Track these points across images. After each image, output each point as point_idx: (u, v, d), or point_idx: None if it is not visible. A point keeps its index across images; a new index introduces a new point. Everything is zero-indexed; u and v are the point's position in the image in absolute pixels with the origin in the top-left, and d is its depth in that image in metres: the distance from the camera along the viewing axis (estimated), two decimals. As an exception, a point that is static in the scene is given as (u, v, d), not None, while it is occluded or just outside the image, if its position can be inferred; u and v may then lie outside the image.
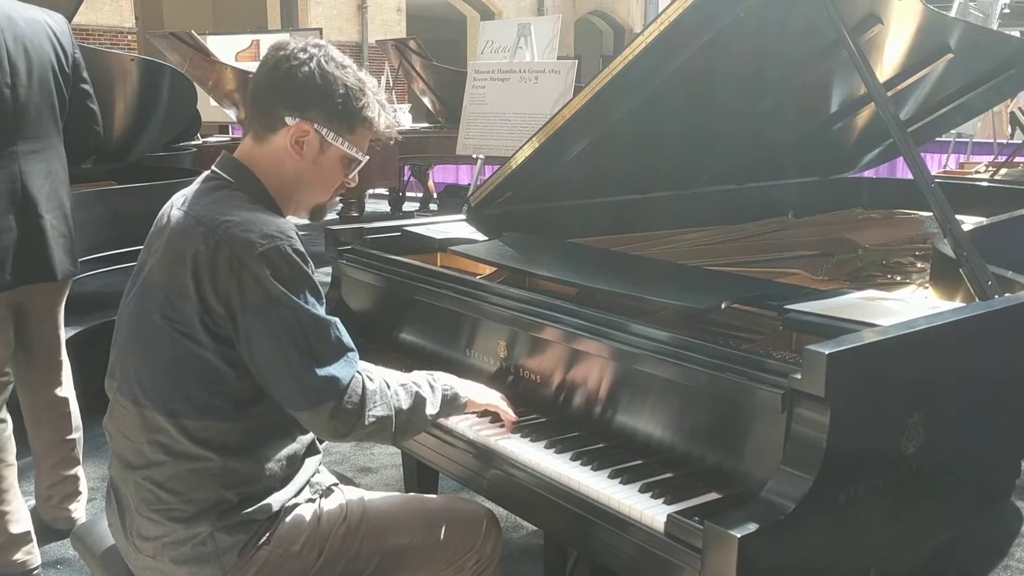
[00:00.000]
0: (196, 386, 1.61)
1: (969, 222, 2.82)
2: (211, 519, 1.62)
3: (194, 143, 6.08)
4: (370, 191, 9.95)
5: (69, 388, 2.95)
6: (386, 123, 1.77)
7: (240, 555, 1.63)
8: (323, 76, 1.66)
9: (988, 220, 2.73)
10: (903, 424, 1.54)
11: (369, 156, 1.79)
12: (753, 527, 1.35)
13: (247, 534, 1.64)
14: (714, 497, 1.56)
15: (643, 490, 1.59)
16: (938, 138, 6.44)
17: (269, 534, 1.66)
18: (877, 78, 2.14)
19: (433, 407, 1.75)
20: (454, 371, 2.08)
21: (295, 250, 1.61)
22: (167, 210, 1.73)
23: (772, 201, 3.36)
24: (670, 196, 3.06)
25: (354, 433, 1.65)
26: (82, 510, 3.01)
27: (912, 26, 2.60)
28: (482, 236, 2.56)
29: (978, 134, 8.45)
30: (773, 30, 2.34)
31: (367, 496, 1.85)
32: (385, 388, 1.68)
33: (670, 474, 1.64)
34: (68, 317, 2.96)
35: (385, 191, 10.42)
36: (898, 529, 1.62)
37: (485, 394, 1.87)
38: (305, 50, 1.67)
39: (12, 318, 2.72)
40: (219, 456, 1.62)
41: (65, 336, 2.94)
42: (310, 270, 1.64)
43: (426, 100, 10.38)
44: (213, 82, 7.63)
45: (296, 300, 1.58)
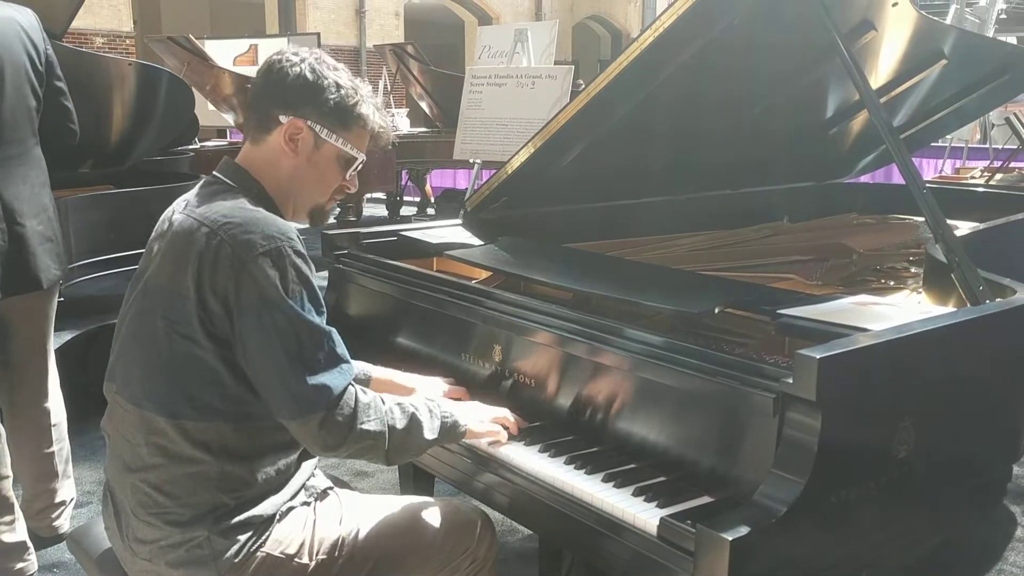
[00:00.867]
0: (196, 388, 1.61)
1: (963, 228, 2.84)
2: (208, 523, 1.62)
3: (192, 147, 6.08)
4: (368, 195, 9.96)
5: (55, 400, 2.88)
6: (381, 123, 1.79)
7: (236, 558, 1.64)
8: (315, 74, 1.71)
9: (983, 225, 2.74)
10: (894, 428, 1.55)
11: (367, 158, 1.80)
12: (745, 530, 1.35)
13: (243, 537, 1.64)
14: (706, 501, 1.57)
15: (636, 494, 1.59)
16: (934, 143, 6.47)
17: (265, 537, 1.67)
18: (869, 84, 2.16)
19: (431, 432, 1.72)
20: (450, 374, 2.10)
21: (296, 252, 1.61)
22: (168, 214, 1.74)
23: (767, 206, 3.37)
24: (665, 201, 3.07)
25: (345, 446, 1.61)
26: (67, 520, 2.95)
27: (906, 32, 2.61)
28: (478, 240, 2.57)
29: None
30: (768, 35, 2.35)
31: (362, 499, 1.86)
32: (379, 404, 1.67)
33: (663, 478, 1.65)
34: (64, 321, 2.90)
35: (383, 195, 10.43)
36: (890, 532, 1.63)
37: (488, 417, 1.84)
38: (297, 53, 1.73)
39: None
40: (217, 460, 1.62)
41: (54, 345, 2.87)
42: (311, 274, 1.63)
43: (424, 105, 10.39)
44: (211, 86, 7.63)
45: (292, 304, 1.58)
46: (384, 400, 1.68)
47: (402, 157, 8.48)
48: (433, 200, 10.71)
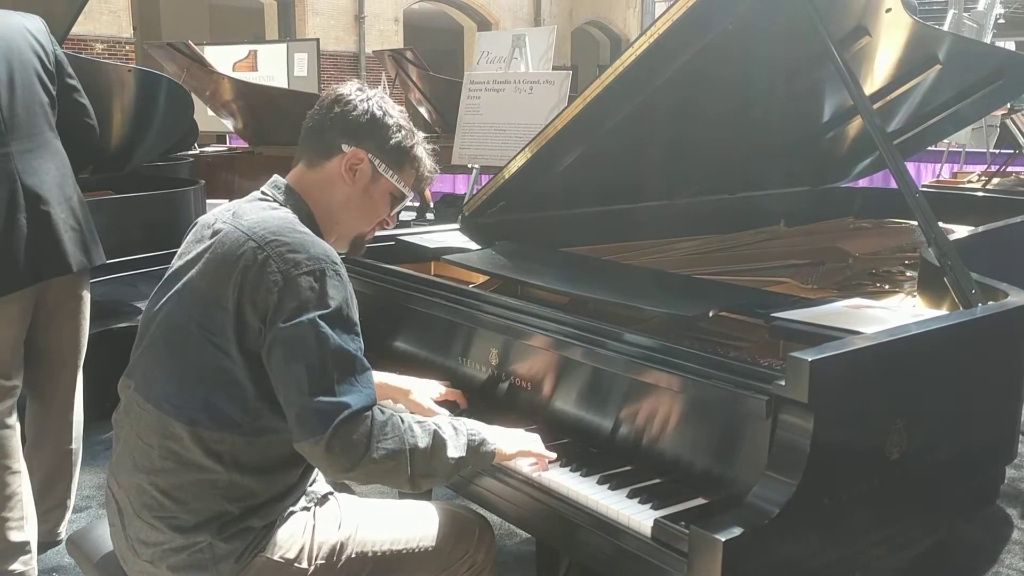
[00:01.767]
0: (218, 398, 1.62)
1: (960, 231, 2.86)
2: (211, 530, 1.63)
3: (191, 153, 6.09)
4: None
5: (79, 396, 2.88)
6: (430, 168, 1.87)
7: (237, 562, 1.65)
8: (382, 112, 1.80)
9: (979, 229, 2.76)
10: (887, 430, 1.57)
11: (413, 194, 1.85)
12: (738, 531, 1.37)
13: (244, 542, 1.65)
14: (701, 502, 1.58)
15: (631, 495, 1.61)
16: (931, 148, 6.48)
17: (265, 542, 1.68)
18: (863, 89, 2.17)
19: (456, 450, 1.65)
20: (447, 378, 2.11)
21: (338, 275, 1.63)
22: (210, 221, 1.75)
23: (764, 210, 3.39)
24: (662, 205, 3.09)
25: (361, 466, 1.56)
26: (64, 524, 2.92)
27: (900, 38, 2.63)
28: (476, 245, 2.59)
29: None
30: (762, 41, 2.37)
31: (361, 503, 1.87)
32: (398, 422, 1.61)
33: (658, 479, 1.66)
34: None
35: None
36: (883, 533, 1.64)
37: (518, 442, 1.77)
38: (363, 90, 1.82)
39: (26, 320, 2.65)
40: (227, 470, 1.63)
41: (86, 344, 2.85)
42: (350, 299, 1.64)
43: (423, 110, 10.39)
44: (210, 92, 7.63)
45: (324, 326, 1.58)
46: (404, 419, 1.63)
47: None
48: (432, 205, 10.72)
